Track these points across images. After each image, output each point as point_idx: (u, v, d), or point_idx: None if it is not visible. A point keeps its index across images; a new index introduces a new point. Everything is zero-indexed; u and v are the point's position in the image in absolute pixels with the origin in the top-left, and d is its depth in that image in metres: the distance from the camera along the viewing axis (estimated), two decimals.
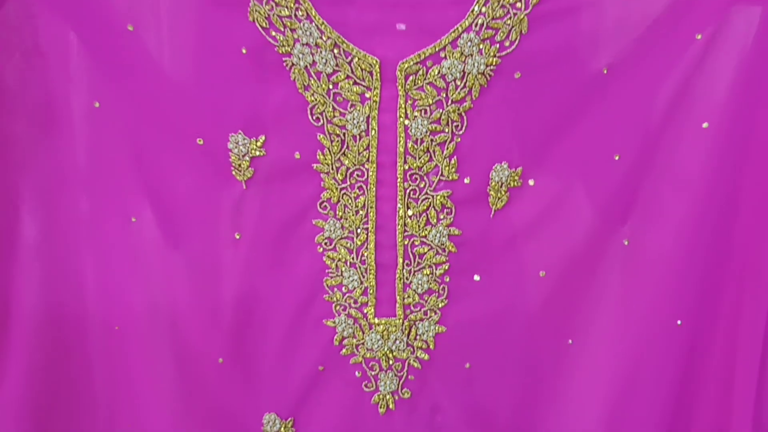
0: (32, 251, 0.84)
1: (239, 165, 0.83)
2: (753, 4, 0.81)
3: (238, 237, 0.86)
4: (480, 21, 0.79)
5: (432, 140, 0.83)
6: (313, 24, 0.79)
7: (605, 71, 0.82)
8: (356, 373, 0.90)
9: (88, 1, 0.79)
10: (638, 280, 0.89)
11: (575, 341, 0.91)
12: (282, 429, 0.92)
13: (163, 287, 0.87)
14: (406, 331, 0.89)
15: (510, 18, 0.79)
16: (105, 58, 0.81)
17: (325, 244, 0.86)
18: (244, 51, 0.80)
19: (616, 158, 0.84)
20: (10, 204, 0.82)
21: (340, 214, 0.85)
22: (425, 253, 0.86)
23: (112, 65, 0.81)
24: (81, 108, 0.82)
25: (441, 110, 0.82)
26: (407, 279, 0.87)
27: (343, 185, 0.84)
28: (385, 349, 0.89)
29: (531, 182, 0.86)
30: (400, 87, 0.81)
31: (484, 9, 0.79)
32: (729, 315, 0.89)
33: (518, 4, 0.79)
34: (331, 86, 0.81)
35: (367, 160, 0.83)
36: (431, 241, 0.86)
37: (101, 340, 0.88)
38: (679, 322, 0.89)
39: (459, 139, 0.83)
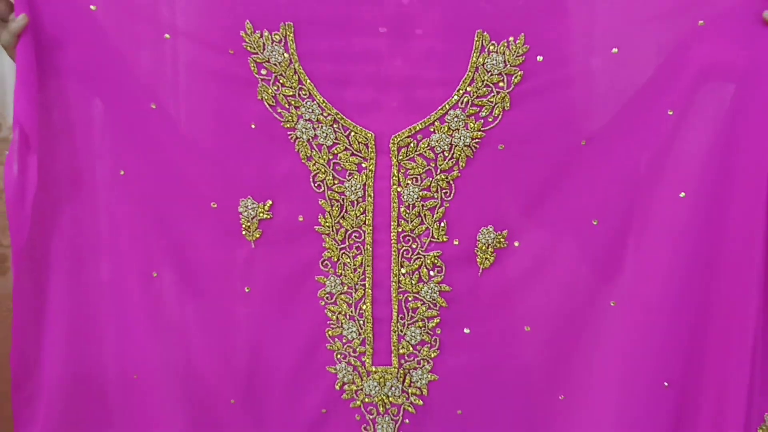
0: (62, 305, 0.93)
1: (248, 227, 0.92)
2: (725, 81, 0.87)
3: (248, 291, 0.94)
4: (466, 99, 0.87)
5: (423, 205, 0.90)
6: (315, 102, 0.87)
7: (584, 143, 0.89)
8: (356, 416, 0.98)
9: (117, 82, 0.89)
10: (625, 342, 0.93)
11: (565, 396, 0.96)
12: None
13: (180, 336, 0.96)
14: (401, 379, 0.96)
15: (493, 96, 0.87)
16: (131, 133, 0.91)
17: (327, 298, 0.94)
18: (253, 126, 0.89)
19: (595, 223, 0.91)
20: (43, 262, 0.92)
21: (340, 271, 0.93)
22: (418, 307, 0.94)
23: (137, 139, 0.91)
24: (108, 176, 0.92)
25: (431, 179, 0.90)
26: (401, 331, 0.94)
27: (343, 245, 0.92)
28: (382, 395, 0.96)
29: (516, 244, 0.92)
30: (393, 158, 0.89)
31: (469, 88, 0.87)
32: (714, 376, 0.92)
33: (501, 84, 0.87)
34: (331, 157, 0.89)
35: (364, 223, 0.91)
36: (423, 297, 0.93)
37: (121, 386, 0.96)
38: (666, 383, 0.93)
39: (448, 205, 0.91)
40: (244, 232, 0.92)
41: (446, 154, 0.89)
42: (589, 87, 0.88)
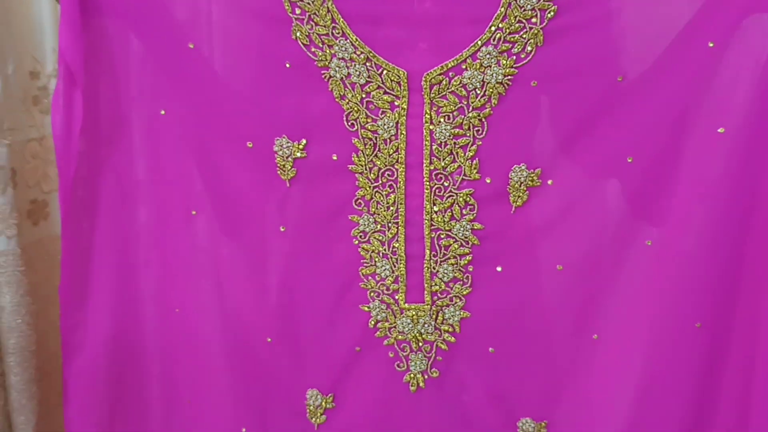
0: (106, 242, 0.97)
1: (283, 166, 0.94)
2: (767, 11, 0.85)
3: (283, 230, 0.97)
4: (498, 35, 0.87)
5: (455, 143, 0.91)
6: (348, 41, 0.88)
7: (620, 79, 0.88)
8: (389, 353, 0.99)
9: (156, 22, 0.92)
10: (659, 282, 0.93)
11: (598, 335, 0.96)
12: (323, 403, 1.02)
13: (218, 273, 0.99)
14: (434, 316, 0.97)
15: (526, 32, 0.87)
16: (171, 73, 0.93)
17: (360, 237, 0.96)
18: (288, 65, 0.90)
19: (630, 160, 0.90)
20: (87, 201, 0.96)
21: (373, 210, 0.94)
22: (450, 245, 0.95)
23: (177, 78, 0.93)
24: (150, 116, 0.95)
25: (463, 116, 0.90)
26: (434, 268, 0.96)
27: (376, 184, 0.94)
28: (415, 332, 0.98)
29: (550, 182, 0.92)
30: (425, 95, 0.90)
31: (501, 24, 0.87)
32: (748, 318, 0.91)
33: (533, 20, 0.86)
34: (364, 95, 0.90)
35: (397, 161, 0.92)
36: (455, 235, 0.94)
37: (163, 320, 1.00)
38: (698, 324, 0.92)
39: (480, 143, 0.91)
40: (279, 171, 0.94)
41: (478, 92, 0.89)
42: (624, 21, 0.87)
